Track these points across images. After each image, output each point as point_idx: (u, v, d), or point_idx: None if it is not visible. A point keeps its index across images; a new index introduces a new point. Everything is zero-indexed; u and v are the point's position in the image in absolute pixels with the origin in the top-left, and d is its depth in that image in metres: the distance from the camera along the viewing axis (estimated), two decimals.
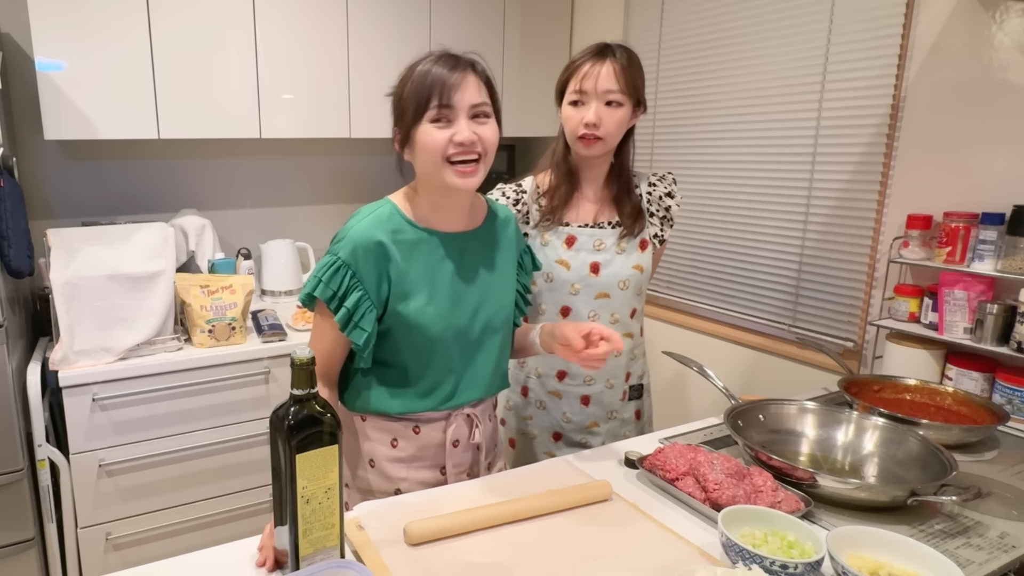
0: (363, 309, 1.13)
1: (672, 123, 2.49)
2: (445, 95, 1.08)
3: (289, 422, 0.88)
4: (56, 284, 1.86)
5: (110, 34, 2.03)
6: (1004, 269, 1.55)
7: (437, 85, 1.08)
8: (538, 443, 1.60)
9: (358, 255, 1.12)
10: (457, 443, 1.25)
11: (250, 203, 2.70)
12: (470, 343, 1.22)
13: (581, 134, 1.42)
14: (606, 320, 1.51)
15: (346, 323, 1.13)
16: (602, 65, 1.39)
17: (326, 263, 1.13)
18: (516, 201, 1.52)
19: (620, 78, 1.39)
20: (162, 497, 2.04)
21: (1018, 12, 1.57)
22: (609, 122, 1.40)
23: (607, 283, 1.49)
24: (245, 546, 1.03)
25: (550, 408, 1.57)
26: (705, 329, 2.44)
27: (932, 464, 1.18)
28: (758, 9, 2.15)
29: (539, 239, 1.51)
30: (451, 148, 1.09)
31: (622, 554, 1.00)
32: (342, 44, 2.40)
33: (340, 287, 1.12)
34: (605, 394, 1.55)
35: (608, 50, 1.42)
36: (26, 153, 2.29)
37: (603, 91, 1.39)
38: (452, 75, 1.09)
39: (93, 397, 1.88)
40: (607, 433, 1.58)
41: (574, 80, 1.43)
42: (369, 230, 1.13)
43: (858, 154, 1.91)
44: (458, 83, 1.08)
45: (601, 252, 1.49)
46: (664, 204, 1.54)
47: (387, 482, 1.25)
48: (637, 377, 1.61)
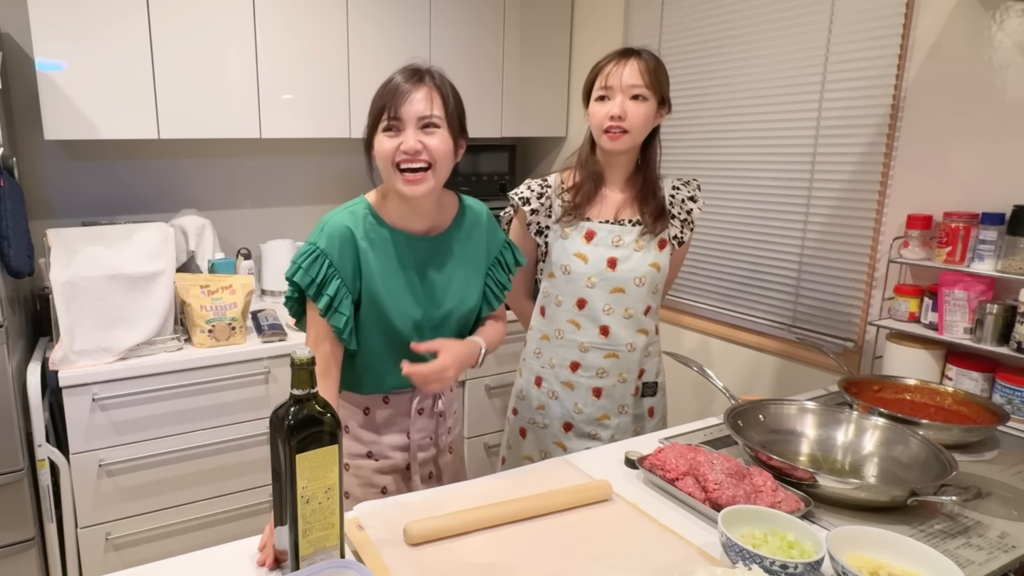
0: (341, 295, 1.22)
1: (672, 123, 2.49)
2: (395, 106, 1.18)
3: (289, 422, 0.88)
4: (56, 284, 1.86)
5: (110, 34, 2.03)
6: (1004, 269, 1.55)
7: (390, 96, 1.19)
8: (549, 432, 1.62)
9: (334, 244, 1.21)
10: (422, 411, 1.36)
11: (250, 203, 2.70)
12: (428, 335, 1.31)
13: (607, 127, 1.46)
14: (620, 314, 1.53)
15: (327, 308, 1.21)
16: (627, 62, 1.46)
17: (304, 251, 1.22)
18: (540, 195, 1.57)
19: (645, 74, 1.45)
20: (162, 497, 2.04)
21: (1018, 12, 1.57)
22: (635, 115, 1.45)
23: (623, 278, 1.52)
24: (245, 546, 1.03)
25: (562, 398, 1.60)
26: (705, 329, 2.44)
27: (932, 464, 1.18)
28: (758, 9, 2.15)
29: (560, 232, 1.55)
30: (399, 156, 1.19)
31: (622, 554, 1.00)
32: (342, 44, 2.40)
33: (319, 274, 1.20)
34: (617, 388, 1.58)
35: (633, 51, 1.48)
36: (26, 153, 2.29)
37: (628, 85, 1.44)
38: (405, 86, 1.19)
39: (93, 397, 1.88)
40: (617, 427, 1.60)
41: (600, 78, 1.48)
42: (345, 223, 1.23)
43: (858, 154, 1.91)
44: (407, 94, 1.18)
45: (620, 248, 1.52)
46: (687, 207, 1.58)
47: (360, 445, 1.36)
48: (652, 374, 1.63)
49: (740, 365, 2.33)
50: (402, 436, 1.36)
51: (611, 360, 1.56)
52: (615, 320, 1.54)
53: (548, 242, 1.58)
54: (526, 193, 1.58)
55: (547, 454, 1.62)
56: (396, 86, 1.19)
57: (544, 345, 1.62)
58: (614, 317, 1.53)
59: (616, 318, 1.54)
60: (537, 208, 1.57)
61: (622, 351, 1.55)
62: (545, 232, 1.59)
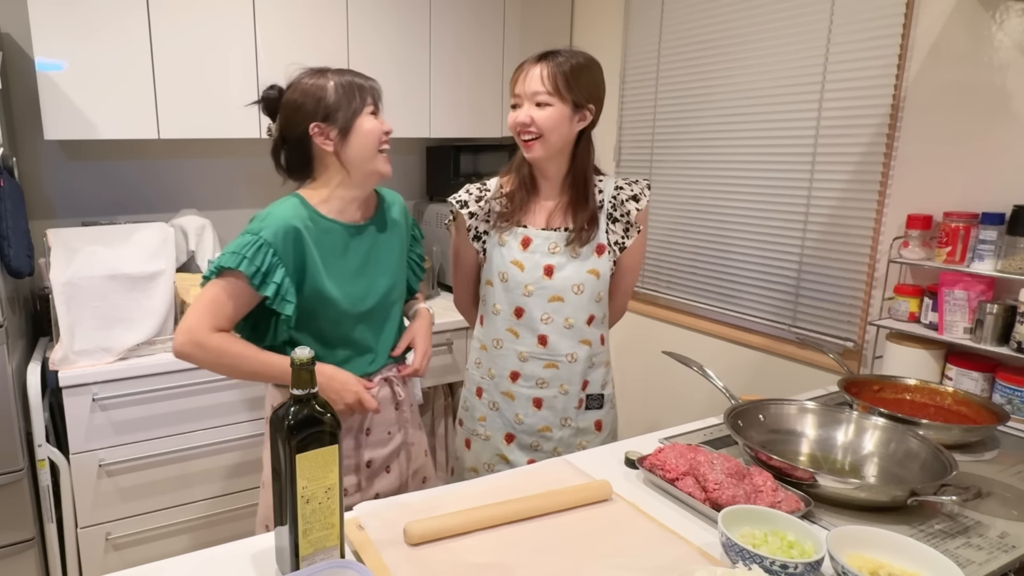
0: (287, 284, 1.26)
1: (672, 123, 2.49)
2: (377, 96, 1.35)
3: (289, 422, 0.88)
4: (56, 284, 1.86)
5: (110, 34, 2.03)
6: (1004, 269, 1.55)
7: (366, 88, 1.34)
8: (491, 444, 1.59)
9: (279, 236, 1.25)
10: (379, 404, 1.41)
11: (250, 203, 2.70)
12: (377, 319, 1.41)
13: (517, 133, 1.45)
14: (560, 324, 1.49)
15: (275, 296, 1.25)
16: (533, 68, 1.42)
17: (248, 242, 1.24)
18: (479, 199, 1.53)
19: (548, 79, 1.40)
20: (162, 497, 2.04)
21: (1018, 12, 1.57)
22: (542, 122, 1.40)
23: (560, 287, 1.48)
24: (245, 546, 1.03)
25: (503, 409, 1.56)
26: (705, 329, 2.44)
27: (932, 464, 1.18)
28: (758, 9, 2.15)
29: (497, 239, 1.51)
30: (384, 139, 1.34)
31: (622, 554, 1.00)
32: (342, 44, 2.40)
33: (263, 263, 1.24)
34: (558, 399, 1.53)
35: (545, 55, 1.42)
36: (26, 153, 2.29)
37: (531, 92, 1.42)
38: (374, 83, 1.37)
39: (93, 397, 1.88)
40: (560, 440, 1.55)
41: (512, 86, 1.48)
42: (289, 217, 1.28)
43: (858, 154, 1.91)
44: (379, 89, 1.38)
45: (555, 255, 1.48)
46: (626, 208, 1.50)
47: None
48: (597, 386, 1.57)
49: (740, 365, 2.33)
50: (359, 436, 1.41)
51: (551, 370, 1.51)
52: (554, 330, 1.49)
53: (487, 248, 1.54)
54: (464, 197, 1.54)
55: (491, 467, 1.58)
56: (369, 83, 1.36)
57: (483, 355, 1.58)
58: (553, 327, 1.49)
59: (555, 327, 1.49)
60: (476, 212, 1.53)
61: (562, 361, 1.51)
62: (483, 238, 1.55)
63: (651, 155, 2.59)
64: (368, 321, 1.39)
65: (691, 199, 2.44)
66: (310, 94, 1.30)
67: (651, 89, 2.55)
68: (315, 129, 1.30)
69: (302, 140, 1.32)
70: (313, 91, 1.30)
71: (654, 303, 2.64)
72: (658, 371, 2.58)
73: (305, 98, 1.30)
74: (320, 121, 1.30)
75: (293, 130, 1.32)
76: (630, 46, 2.62)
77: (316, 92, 1.30)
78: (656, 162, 2.57)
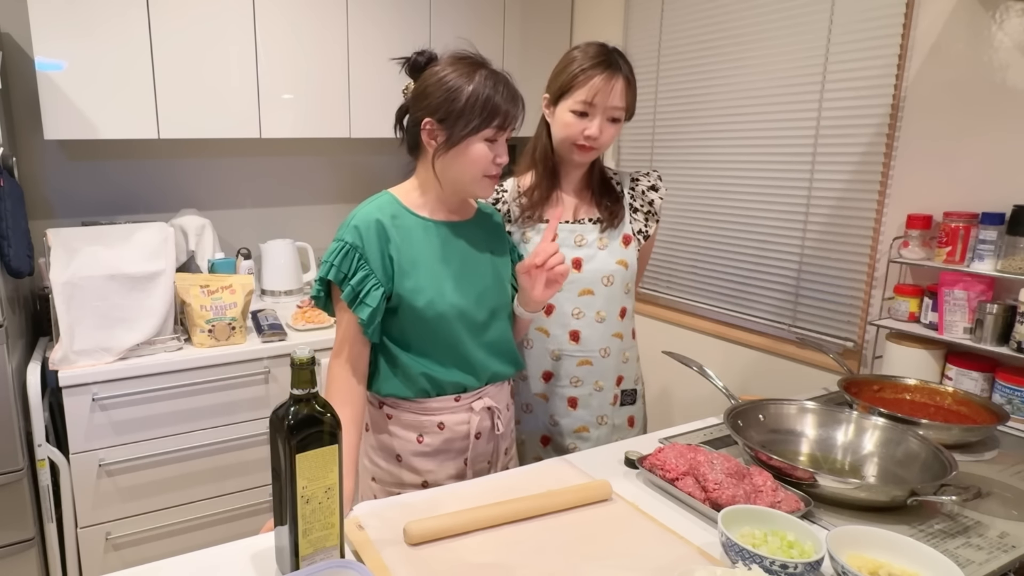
0: (368, 286, 1.20)
1: (672, 123, 2.49)
2: (507, 120, 1.21)
3: (289, 422, 0.88)
4: (56, 284, 1.86)
5: (110, 34, 2.03)
6: (1004, 269, 1.55)
7: (500, 111, 1.20)
8: (527, 448, 1.57)
9: (361, 235, 1.20)
10: (479, 435, 1.32)
11: (250, 203, 2.70)
12: (477, 326, 1.28)
13: (580, 143, 1.42)
14: (592, 318, 1.48)
15: (352, 300, 1.20)
16: (614, 80, 1.38)
17: (335, 249, 1.21)
18: (496, 201, 1.52)
19: (626, 95, 1.40)
20: (162, 497, 2.04)
21: (1018, 12, 1.57)
22: (607, 136, 1.42)
23: (590, 279, 1.47)
24: (245, 546, 1.03)
25: (536, 411, 1.54)
26: (705, 329, 2.44)
27: (932, 464, 1.18)
28: (758, 9, 2.15)
29: (520, 236, 1.50)
30: (492, 168, 1.23)
31: (622, 554, 1.00)
32: (342, 44, 2.40)
33: (350, 268, 1.20)
34: (594, 397, 1.52)
35: (616, 63, 1.39)
36: (26, 153, 2.29)
37: (611, 107, 1.39)
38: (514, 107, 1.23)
39: (93, 397, 1.88)
40: (597, 440, 1.53)
41: (583, 91, 1.38)
42: (370, 213, 1.23)
43: (858, 154, 1.91)
44: (515, 115, 1.24)
45: (583, 248, 1.48)
46: (648, 198, 1.53)
47: (415, 475, 1.31)
48: (631, 381, 1.57)
49: (740, 365, 2.33)
50: (459, 463, 1.32)
51: (585, 368, 1.50)
52: (586, 324, 1.48)
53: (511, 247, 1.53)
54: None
55: None
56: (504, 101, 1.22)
57: None
58: (584, 321, 1.47)
59: (587, 322, 1.48)
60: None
61: (595, 357, 1.49)
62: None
63: (651, 155, 2.59)
64: (466, 327, 1.27)
65: (691, 199, 2.44)
66: (443, 86, 1.19)
67: (651, 89, 2.55)
68: (427, 124, 1.21)
69: (416, 124, 1.23)
70: (447, 85, 1.19)
71: (654, 303, 2.64)
72: (657, 371, 2.58)
73: (437, 88, 1.20)
74: (435, 119, 1.20)
75: (415, 108, 1.24)
76: (630, 46, 2.62)
77: (449, 88, 1.19)
78: (656, 162, 2.57)
